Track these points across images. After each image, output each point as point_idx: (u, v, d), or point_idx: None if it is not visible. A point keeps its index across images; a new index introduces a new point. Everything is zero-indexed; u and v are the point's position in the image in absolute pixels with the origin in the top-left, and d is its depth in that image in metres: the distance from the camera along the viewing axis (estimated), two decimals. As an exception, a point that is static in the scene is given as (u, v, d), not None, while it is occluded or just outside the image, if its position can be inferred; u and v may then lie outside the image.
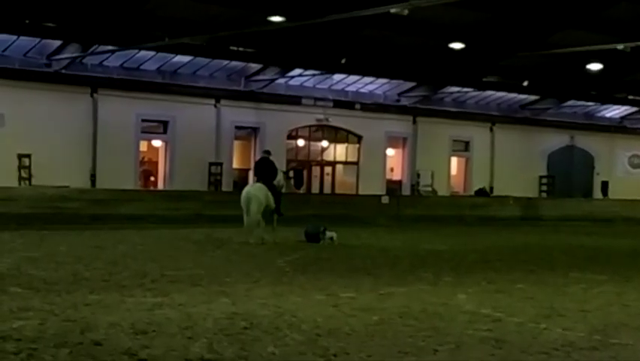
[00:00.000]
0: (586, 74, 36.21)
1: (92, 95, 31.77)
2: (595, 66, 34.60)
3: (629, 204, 40.96)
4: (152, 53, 31.54)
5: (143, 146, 34.93)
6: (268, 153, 21.90)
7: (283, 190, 21.61)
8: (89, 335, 8.40)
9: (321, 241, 20.35)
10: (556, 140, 45.38)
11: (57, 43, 30.00)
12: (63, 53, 30.25)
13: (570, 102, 44.13)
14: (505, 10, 30.76)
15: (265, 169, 21.09)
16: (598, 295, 12.40)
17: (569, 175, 45.20)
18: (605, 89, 41.56)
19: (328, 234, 20.62)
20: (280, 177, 21.42)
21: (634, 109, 47.09)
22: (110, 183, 30.47)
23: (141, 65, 32.57)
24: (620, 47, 26.07)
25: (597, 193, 45.92)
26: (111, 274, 13.41)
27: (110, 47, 30.05)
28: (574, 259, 18.60)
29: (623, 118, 47.90)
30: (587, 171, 46.61)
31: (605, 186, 45.91)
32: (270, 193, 20.26)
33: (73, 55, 30.24)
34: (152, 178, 35.44)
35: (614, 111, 47.36)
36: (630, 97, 44.46)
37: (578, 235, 27.35)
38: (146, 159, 35.57)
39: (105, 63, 31.92)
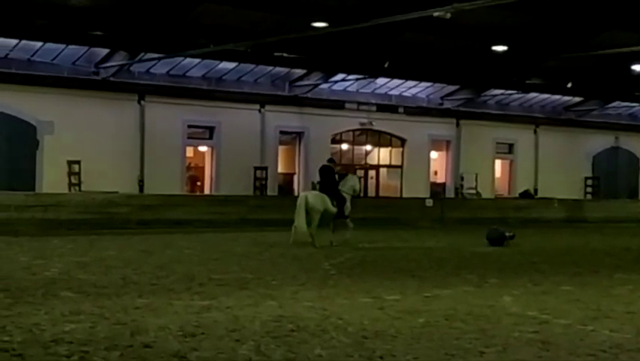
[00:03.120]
0: (630, 74, 35.85)
1: (139, 102, 32.14)
2: (639, 67, 34.28)
3: (676, 206, 40.50)
4: (197, 60, 31.84)
5: (190, 151, 35.22)
6: (331, 161, 22.73)
7: (361, 194, 22.20)
8: (139, 337, 8.52)
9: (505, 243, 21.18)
10: (601, 141, 44.95)
11: (105, 51, 30.38)
12: (110, 61, 30.62)
13: (615, 103, 43.68)
14: (548, 11, 30.54)
15: (325, 176, 21.66)
16: (644, 297, 12.33)
17: (614, 176, 44.75)
18: (650, 90, 41.12)
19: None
20: (354, 182, 22.09)
21: (679, 109, 46.54)
22: (157, 188, 30.73)
23: (187, 72, 32.88)
24: (665, 47, 25.86)
25: (643, 195, 45.44)
26: (159, 277, 13.58)
27: (156, 55, 30.32)
28: (619, 260, 18.44)
29: (668, 119, 47.37)
30: (633, 172, 46.11)
31: (650, 187, 45.44)
32: (327, 198, 20.79)
33: (121, 63, 30.60)
34: (199, 183, 35.71)
35: (660, 112, 46.83)
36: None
37: (624, 237, 27.06)
38: (192, 165, 35.86)
39: (152, 70, 32.27)
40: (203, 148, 35.31)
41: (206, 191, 34.60)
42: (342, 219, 21.34)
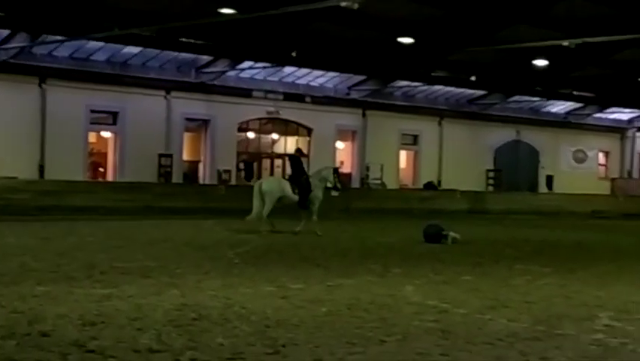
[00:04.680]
0: (532, 69, 36.71)
1: (40, 86, 31.46)
2: (541, 62, 35.11)
3: (574, 198, 41.66)
4: (101, 43, 31.32)
5: (92, 137, 34.66)
6: (298, 151, 23.68)
7: (338, 186, 22.35)
8: (37, 326, 8.35)
9: (442, 241, 19.81)
10: (503, 134, 45.96)
11: (5, 32, 29.64)
12: (11, 42, 29.87)
13: (516, 97, 44.73)
14: (454, 5, 31.02)
15: (292, 164, 22.44)
16: (541, 287, 12.58)
17: (515, 169, 45.82)
18: (550, 85, 42.18)
19: (452, 234, 20.07)
20: (327, 173, 22.26)
21: (578, 105, 47.87)
22: (58, 174, 30.20)
23: (91, 55, 32.30)
24: (565, 43, 26.51)
25: (542, 187, 46.61)
26: (59, 265, 13.33)
27: (59, 37, 29.75)
28: (519, 251, 18.82)
29: (567, 113, 48.66)
30: (533, 166, 47.34)
31: (550, 180, 46.65)
32: (288, 185, 21.29)
33: (22, 44, 29.88)
34: (102, 170, 35.18)
35: (559, 107, 48.08)
36: (575, 93, 45.23)
37: (524, 228, 27.70)
38: (95, 151, 35.28)
39: (54, 53, 31.62)
40: (106, 134, 34.75)
41: (110, 178, 34.10)
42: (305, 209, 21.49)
